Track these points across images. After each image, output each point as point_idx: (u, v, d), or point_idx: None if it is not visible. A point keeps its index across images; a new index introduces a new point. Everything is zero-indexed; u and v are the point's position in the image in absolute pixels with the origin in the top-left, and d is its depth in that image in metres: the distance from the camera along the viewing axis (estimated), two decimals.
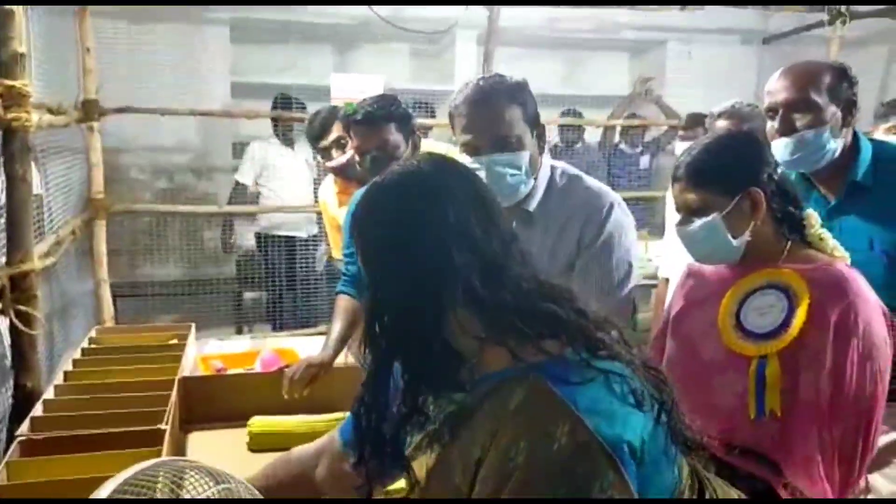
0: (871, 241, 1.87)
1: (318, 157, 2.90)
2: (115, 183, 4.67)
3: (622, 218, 1.81)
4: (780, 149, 1.90)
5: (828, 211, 1.92)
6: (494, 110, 1.74)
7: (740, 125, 2.55)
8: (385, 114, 2.24)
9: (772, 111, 1.93)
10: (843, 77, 1.90)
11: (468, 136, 1.77)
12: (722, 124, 2.58)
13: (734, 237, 1.59)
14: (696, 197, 1.61)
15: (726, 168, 1.61)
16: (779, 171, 1.63)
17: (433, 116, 5.03)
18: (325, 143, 2.79)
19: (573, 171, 1.90)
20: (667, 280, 2.90)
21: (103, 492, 0.90)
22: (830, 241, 1.63)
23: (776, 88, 1.91)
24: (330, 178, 3.03)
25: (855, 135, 1.94)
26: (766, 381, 1.52)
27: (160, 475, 0.94)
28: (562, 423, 0.93)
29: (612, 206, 1.81)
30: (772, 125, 1.94)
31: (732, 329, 1.60)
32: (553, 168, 1.88)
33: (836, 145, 1.90)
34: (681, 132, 3.74)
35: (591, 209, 1.80)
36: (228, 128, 5.25)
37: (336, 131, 2.78)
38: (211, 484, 0.91)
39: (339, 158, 2.78)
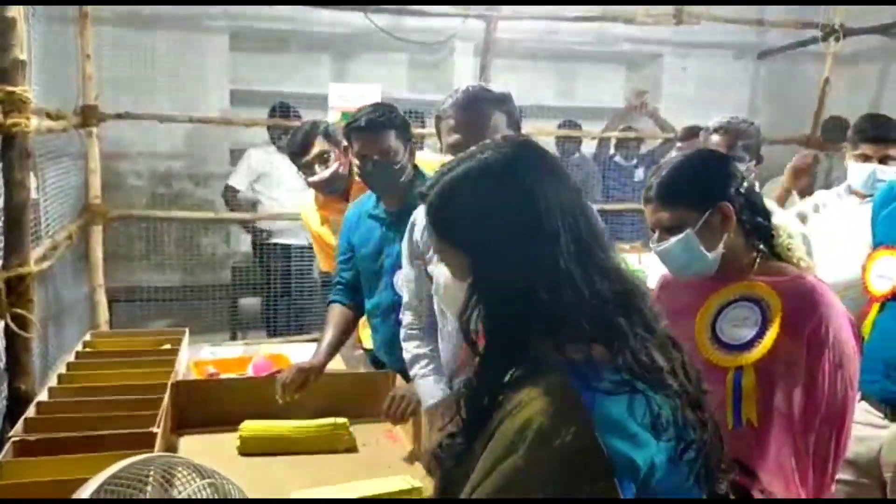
0: None
1: (300, 173, 2.84)
2: (113, 188, 4.70)
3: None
4: None
5: None
6: (482, 113, 1.83)
7: (735, 140, 2.58)
8: (386, 121, 2.29)
9: None
10: None
11: (456, 136, 1.83)
12: (717, 139, 2.61)
13: (708, 251, 1.62)
14: (669, 215, 1.65)
15: (695, 185, 1.65)
16: (745, 185, 1.68)
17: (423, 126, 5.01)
18: (307, 158, 2.76)
19: None
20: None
21: (94, 484, 0.92)
22: (797, 251, 1.67)
23: None
24: (311, 194, 3.00)
25: None
26: (743, 391, 1.56)
27: (151, 469, 0.97)
28: (571, 423, 0.95)
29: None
30: None
31: (708, 341, 1.64)
32: None
33: None
34: (679, 144, 3.76)
35: None
36: (226, 135, 5.28)
37: (318, 146, 2.74)
38: (197, 479, 0.94)
39: (321, 173, 2.74)
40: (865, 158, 2.62)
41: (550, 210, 1.05)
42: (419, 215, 2.05)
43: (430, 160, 3.12)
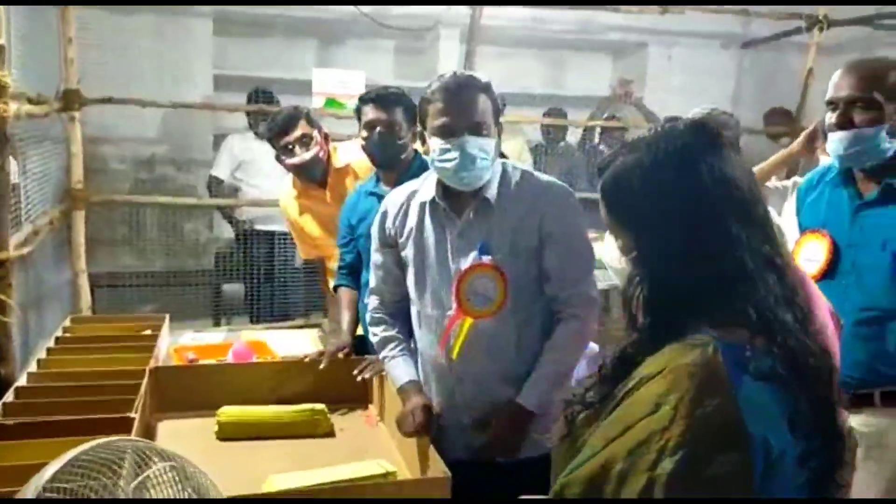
0: (884, 243, 1.93)
1: (279, 156, 2.85)
2: (96, 173, 4.67)
3: (580, 208, 1.99)
4: (836, 142, 1.96)
5: (856, 206, 2.00)
6: (470, 96, 1.89)
7: None
8: (396, 97, 2.50)
9: (832, 104, 1.97)
10: None
11: (444, 119, 1.87)
12: None
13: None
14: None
15: None
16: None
17: None
18: (288, 139, 2.78)
19: (522, 167, 2.06)
20: None
21: (58, 464, 0.94)
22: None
23: (840, 83, 1.95)
24: (289, 182, 3.01)
25: None
26: None
27: (105, 453, 0.98)
28: (716, 396, 0.99)
29: (570, 198, 1.98)
30: (830, 118, 1.98)
31: None
32: (504, 163, 2.02)
33: (891, 145, 1.94)
34: None
35: (551, 201, 1.94)
36: (210, 120, 5.26)
37: (301, 129, 2.77)
38: (158, 461, 0.96)
39: (302, 155, 2.77)
40: None
41: (723, 196, 1.08)
42: (390, 203, 2.09)
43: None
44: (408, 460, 1.95)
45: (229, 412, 2.13)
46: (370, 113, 2.48)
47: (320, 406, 2.18)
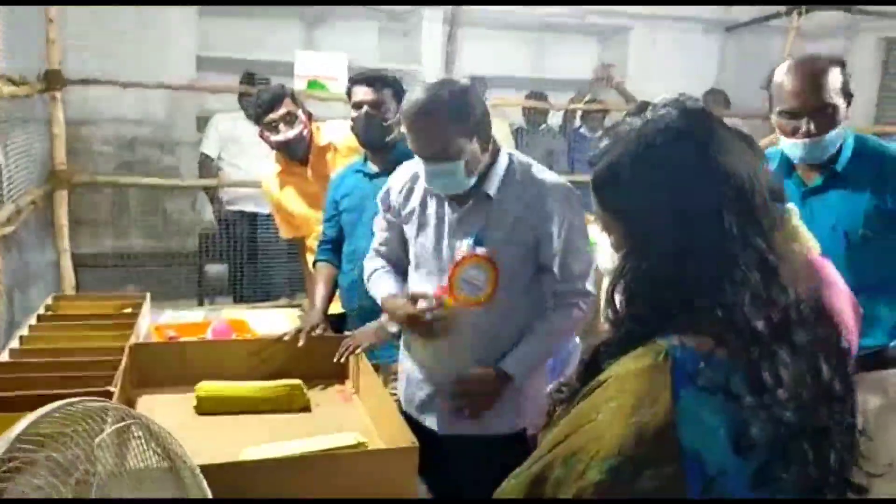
0: (834, 225, 2.02)
1: (265, 133, 2.90)
2: (79, 154, 4.70)
3: (581, 207, 1.99)
4: (800, 149, 2.02)
5: (803, 193, 2.08)
6: (427, 124, 1.88)
7: None
8: (385, 80, 2.56)
9: (791, 114, 2.01)
10: (844, 72, 2.01)
11: (410, 142, 1.94)
12: None
13: None
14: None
15: None
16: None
17: None
18: (273, 116, 2.83)
19: (528, 161, 2.06)
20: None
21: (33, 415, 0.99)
22: (805, 234, 1.71)
23: (797, 91, 1.99)
24: (272, 159, 3.07)
25: None
26: None
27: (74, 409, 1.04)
28: (654, 406, 0.95)
29: (572, 197, 2.00)
30: (786, 125, 2.03)
31: None
32: (511, 157, 2.04)
33: (840, 139, 2.04)
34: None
35: (555, 200, 1.97)
36: (193, 102, 5.29)
37: (286, 107, 2.82)
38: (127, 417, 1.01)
39: (286, 132, 2.83)
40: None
41: (718, 187, 1.01)
42: (395, 179, 2.16)
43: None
44: (380, 433, 2.01)
45: (208, 387, 2.17)
46: (359, 93, 2.55)
47: (297, 381, 2.23)
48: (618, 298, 1.07)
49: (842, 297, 1.59)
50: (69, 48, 4.18)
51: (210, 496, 1.32)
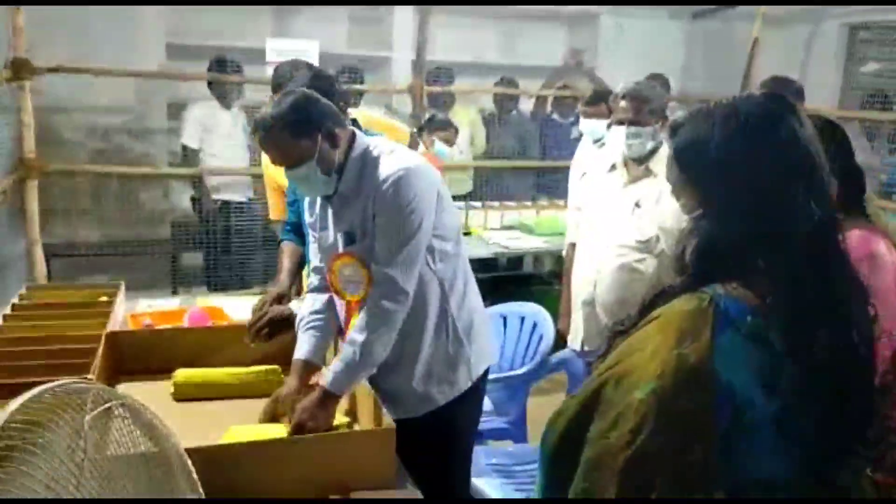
0: None
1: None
2: (50, 143, 4.65)
3: (406, 191, 1.91)
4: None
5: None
6: (267, 141, 1.94)
7: (642, 106, 2.65)
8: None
9: None
10: None
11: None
12: (624, 104, 2.69)
13: None
14: None
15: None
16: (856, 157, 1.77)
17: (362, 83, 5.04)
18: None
19: (382, 150, 2.00)
20: (572, 245, 3.07)
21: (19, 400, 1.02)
22: (884, 218, 1.81)
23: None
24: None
25: None
26: None
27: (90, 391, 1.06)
28: (695, 341, 1.11)
29: (395, 181, 1.91)
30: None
31: None
32: (366, 150, 2.00)
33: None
34: (583, 108, 3.81)
35: (378, 186, 1.93)
36: (164, 89, 5.25)
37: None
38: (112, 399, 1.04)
39: None
40: None
41: (796, 161, 1.16)
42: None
43: (372, 115, 3.19)
44: (358, 415, 2.05)
45: (185, 373, 2.20)
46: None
47: (274, 367, 2.25)
48: (687, 254, 1.21)
49: (884, 274, 1.65)
50: (37, 36, 4.13)
51: (195, 477, 1.35)
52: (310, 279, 2.23)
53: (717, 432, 1.09)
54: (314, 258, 2.20)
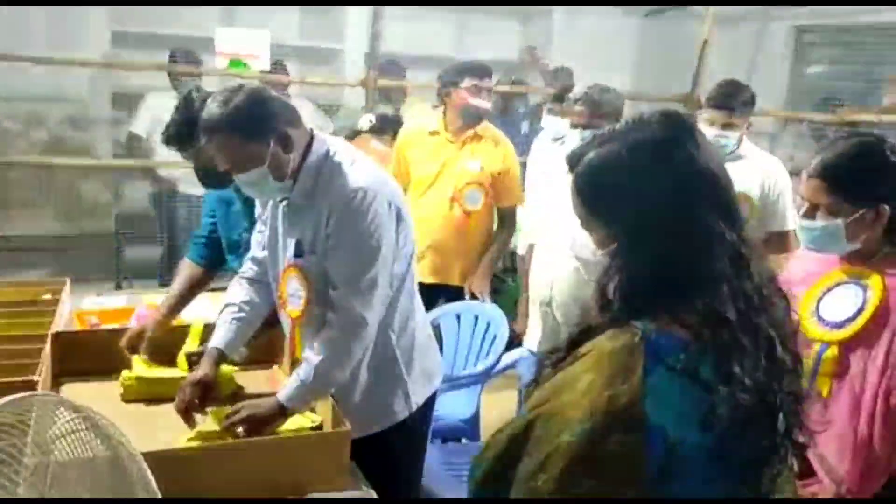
0: None
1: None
2: None
3: (364, 212, 1.82)
4: None
5: None
6: (219, 145, 1.80)
7: (596, 111, 2.70)
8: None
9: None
10: None
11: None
12: (578, 109, 2.72)
13: (849, 241, 1.66)
14: (827, 199, 1.65)
15: (864, 181, 1.64)
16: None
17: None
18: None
19: (343, 158, 1.89)
20: (531, 246, 3.07)
21: None
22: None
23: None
24: None
25: None
26: (821, 364, 1.66)
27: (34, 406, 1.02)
28: (626, 381, 1.06)
29: (354, 201, 1.81)
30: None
31: (809, 313, 1.70)
32: (328, 154, 1.89)
33: None
34: (549, 105, 3.86)
35: (336, 203, 1.83)
36: (109, 78, 5.10)
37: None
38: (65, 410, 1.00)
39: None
40: (710, 124, 2.84)
41: (699, 187, 1.11)
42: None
43: (305, 107, 3.12)
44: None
45: (134, 374, 2.14)
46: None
47: (226, 367, 2.21)
48: (609, 292, 1.16)
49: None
50: None
51: (154, 484, 1.32)
52: (244, 266, 2.18)
53: (648, 473, 1.06)
54: (256, 248, 2.13)
